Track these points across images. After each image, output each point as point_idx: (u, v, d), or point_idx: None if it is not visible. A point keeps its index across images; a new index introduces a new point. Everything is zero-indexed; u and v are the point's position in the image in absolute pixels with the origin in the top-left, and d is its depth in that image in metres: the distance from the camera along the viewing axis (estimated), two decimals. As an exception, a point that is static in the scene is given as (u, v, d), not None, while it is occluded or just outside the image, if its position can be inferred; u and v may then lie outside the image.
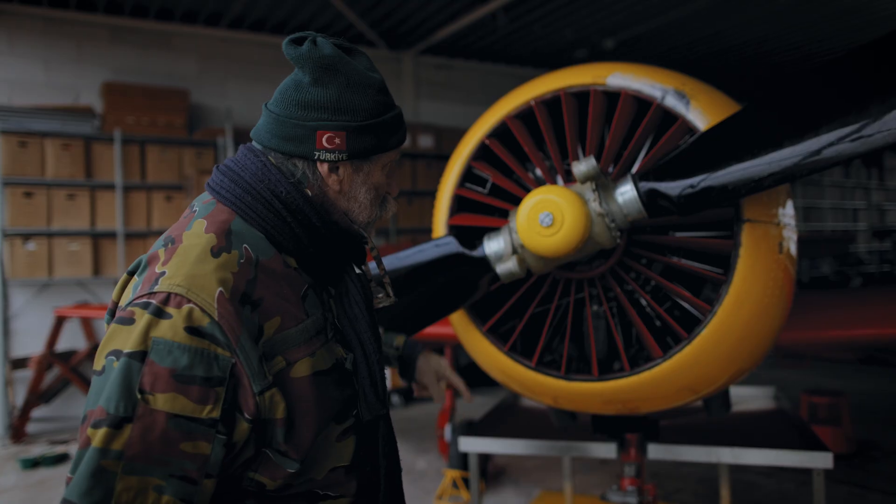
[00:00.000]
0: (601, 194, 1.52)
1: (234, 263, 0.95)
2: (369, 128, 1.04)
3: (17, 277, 5.68)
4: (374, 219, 1.13)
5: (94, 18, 6.35)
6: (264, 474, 0.97)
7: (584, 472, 4.37)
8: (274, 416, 0.94)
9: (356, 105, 1.04)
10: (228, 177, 1.05)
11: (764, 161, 1.41)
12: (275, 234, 1.02)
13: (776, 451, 2.04)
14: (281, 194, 1.02)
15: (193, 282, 0.91)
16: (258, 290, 0.95)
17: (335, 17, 6.84)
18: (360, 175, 1.08)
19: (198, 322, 0.88)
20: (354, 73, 1.04)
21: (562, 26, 7.30)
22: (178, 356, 0.87)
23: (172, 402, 0.86)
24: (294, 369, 0.96)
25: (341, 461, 1.03)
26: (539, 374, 1.75)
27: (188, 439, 0.87)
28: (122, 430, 0.84)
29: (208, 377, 0.88)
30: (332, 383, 1.01)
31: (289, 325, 0.97)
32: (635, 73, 1.75)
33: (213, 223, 0.99)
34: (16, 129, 5.65)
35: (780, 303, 1.65)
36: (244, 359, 0.90)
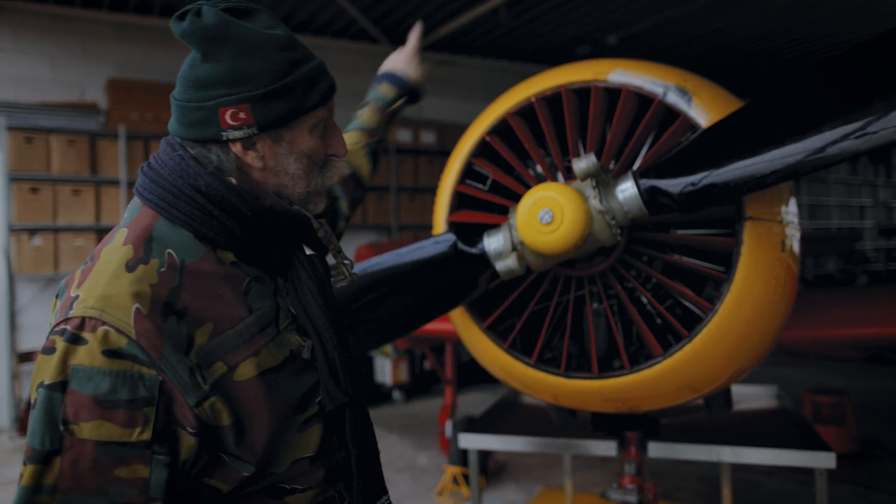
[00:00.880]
0: (601, 191, 1.51)
1: (152, 274, 0.89)
2: (276, 92, 0.94)
3: (23, 272, 5.72)
4: (316, 188, 1.04)
5: (98, 15, 6.36)
6: (219, 479, 0.93)
7: (585, 470, 4.37)
8: (220, 424, 0.90)
9: (254, 71, 0.93)
10: (149, 177, 0.98)
11: (766, 158, 1.40)
12: (203, 230, 0.95)
13: (778, 451, 2.04)
14: (202, 187, 0.95)
15: (107, 302, 0.86)
16: (183, 297, 0.90)
17: (337, 13, 6.83)
18: (282, 146, 0.98)
19: (115, 344, 0.84)
20: (247, 36, 0.94)
21: (564, 23, 7.28)
22: (99, 382, 0.83)
23: (98, 429, 0.82)
24: (237, 372, 0.91)
25: (306, 451, 0.99)
26: (539, 371, 1.75)
27: (122, 464, 0.83)
28: (51, 465, 0.82)
29: (133, 399, 0.84)
30: (286, 378, 0.97)
31: (224, 328, 0.92)
32: (637, 69, 1.74)
33: (134, 231, 0.94)
34: (22, 125, 5.68)
35: (783, 301, 1.64)
36: (171, 374, 0.86)
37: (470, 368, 6.88)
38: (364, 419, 1.08)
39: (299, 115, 0.97)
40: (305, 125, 0.99)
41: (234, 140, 0.96)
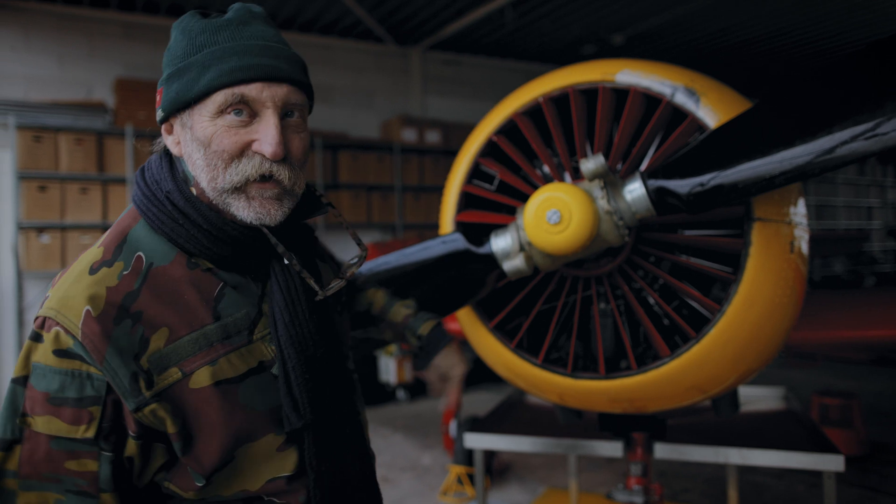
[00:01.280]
0: (609, 192, 1.50)
1: (112, 277, 0.90)
2: (178, 72, 0.92)
3: (31, 269, 5.74)
4: (226, 185, 0.92)
5: (106, 15, 6.39)
6: (176, 484, 0.94)
7: (590, 470, 4.36)
8: (165, 430, 0.90)
9: (169, 56, 0.95)
10: (137, 178, 1.01)
11: (775, 159, 1.39)
12: (174, 237, 0.94)
13: (786, 453, 2.03)
14: (166, 192, 0.95)
15: (63, 303, 0.88)
16: (141, 301, 0.90)
17: (343, 13, 6.84)
18: (187, 131, 0.94)
19: (64, 344, 0.87)
20: (183, 26, 0.96)
21: (569, 21, 7.27)
22: (51, 380, 0.87)
23: (48, 424, 0.87)
24: (192, 380, 0.90)
25: (282, 471, 0.96)
26: (545, 371, 1.74)
27: (72, 458, 0.87)
28: (12, 452, 0.88)
29: (80, 398, 0.87)
30: (248, 390, 0.93)
31: (180, 334, 0.90)
32: (645, 69, 1.73)
33: (112, 232, 0.97)
34: (31, 123, 5.71)
35: (791, 302, 1.64)
36: (111, 377, 0.87)
37: (473, 368, 6.88)
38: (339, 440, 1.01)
39: (190, 99, 0.91)
40: (206, 111, 0.91)
41: (160, 124, 0.99)
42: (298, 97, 0.95)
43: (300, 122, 0.97)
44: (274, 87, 0.92)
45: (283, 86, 0.93)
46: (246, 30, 0.94)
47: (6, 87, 5.99)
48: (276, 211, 0.95)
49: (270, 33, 0.96)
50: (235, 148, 0.92)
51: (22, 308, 5.85)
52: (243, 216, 0.94)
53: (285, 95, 0.93)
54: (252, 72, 0.90)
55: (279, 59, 0.93)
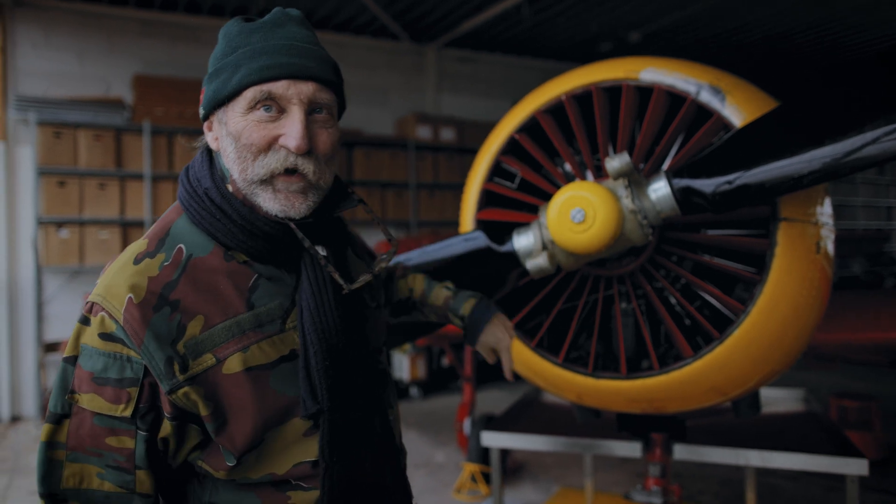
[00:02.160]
0: (634, 191, 1.49)
1: (154, 268, 0.97)
2: (216, 72, 0.99)
3: (50, 264, 5.81)
4: (254, 177, 0.97)
5: (125, 12, 6.44)
6: (208, 462, 0.99)
7: (604, 470, 4.34)
8: (198, 413, 0.95)
9: (212, 57, 1.02)
10: (181, 177, 1.06)
11: (804, 159, 1.37)
12: (213, 231, 1.00)
13: (807, 456, 2.00)
14: (206, 189, 1.01)
15: (108, 290, 0.95)
16: (179, 290, 0.95)
17: (359, 10, 6.84)
18: (223, 127, 1.00)
19: (108, 328, 0.94)
20: (226, 30, 1.02)
21: (587, 19, 7.22)
22: (96, 360, 0.94)
23: (92, 401, 0.94)
24: (226, 366, 0.95)
25: (308, 456, 1.00)
26: (566, 370, 1.74)
27: (112, 434, 0.94)
28: (61, 426, 0.95)
29: (120, 379, 0.93)
30: (281, 375, 0.98)
31: (215, 322, 0.96)
32: (669, 67, 1.72)
33: (157, 226, 1.03)
34: (51, 119, 5.77)
35: (816, 304, 1.62)
36: (148, 360, 0.93)
37: (488, 366, 6.88)
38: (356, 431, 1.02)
39: (225, 96, 0.97)
40: (239, 106, 0.97)
41: (202, 121, 1.05)
42: (325, 95, 0.99)
43: (328, 119, 1.01)
44: (300, 85, 0.96)
45: (309, 83, 0.97)
46: (279, 31, 0.99)
47: (28, 83, 6.06)
48: (300, 204, 0.99)
49: (303, 34, 1.01)
50: (263, 142, 0.96)
51: (41, 301, 5.91)
52: (269, 208, 0.98)
53: (311, 93, 0.97)
54: (279, 70, 0.95)
55: (307, 58, 0.98)
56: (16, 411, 5.93)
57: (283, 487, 1.00)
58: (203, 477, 1.02)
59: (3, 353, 5.88)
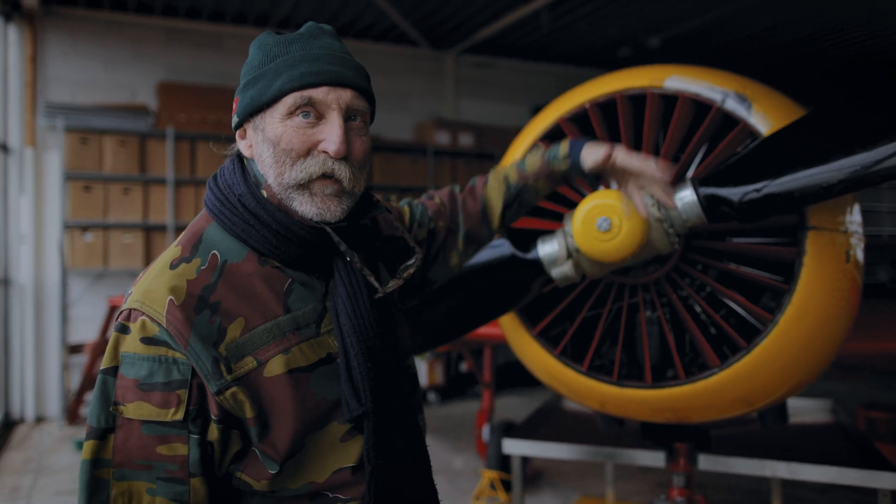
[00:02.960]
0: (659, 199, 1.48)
1: (191, 271, 0.96)
2: (253, 80, 1.00)
3: (75, 267, 5.91)
4: (291, 181, 0.98)
5: (150, 21, 6.55)
6: (248, 473, 0.97)
7: (624, 479, 4.30)
8: (244, 415, 0.94)
9: (246, 66, 1.03)
10: (210, 185, 1.06)
11: (833, 167, 1.36)
12: (245, 238, 1.00)
13: (837, 469, 1.97)
14: (238, 196, 1.01)
15: (147, 296, 0.94)
16: (218, 293, 0.95)
17: (379, 17, 6.89)
18: (259, 133, 1.01)
19: (150, 332, 0.92)
20: (260, 41, 1.04)
21: (606, 24, 7.19)
22: (139, 366, 0.91)
23: (139, 409, 0.91)
24: (267, 368, 0.95)
25: (347, 462, 0.99)
26: (589, 378, 1.73)
27: (163, 442, 0.91)
28: (106, 441, 0.91)
29: (168, 382, 0.91)
30: (320, 379, 0.98)
31: (255, 324, 0.95)
32: (694, 75, 1.71)
33: (188, 233, 1.03)
34: (78, 126, 5.89)
35: (845, 314, 1.59)
36: (196, 361, 0.91)
37: (507, 372, 6.86)
38: (397, 432, 1.02)
39: (264, 102, 0.98)
40: (277, 112, 0.98)
41: (235, 129, 1.05)
42: (361, 103, 1.02)
43: (362, 126, 1.03)
44: (339, 91, 0.98)
45: (348, 91, 0.99)
46: (315, 42, 1.01)
47: (56, 90, 6.18)
48: (335, 208, 1.00)
49: (338, 46, 1.03)
50: (303, 147, 0.98)
51: (66, 303, 6.01)
52: (304, 211, 0.99)
53: (349, 100, 0.99)
54: (319, 76, 0.97)
55: (345, 66, 1.00)
56: (40, 412, 6.03)
57: (322, 501, 0.99)
58: (242, 494, 1.00)
59: (29, 355, 5.99)
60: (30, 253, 6.00)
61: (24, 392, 5.99)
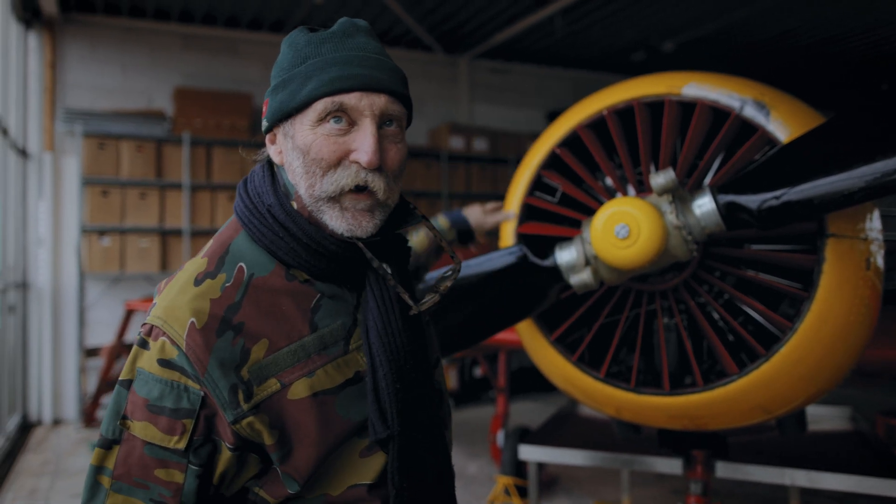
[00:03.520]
0: (678, 206, 1.49)
1: (216, 289, 0.93)
2: (283, 83, 0.95)
3: (92, 271, 5.97)
4: (322, 194, 0.93)
5: (167, 27, 6.62)
6: (267, 491, 0.95)
7: (639, 486, 4.28)
8: (262, 442, 0.91)
9: (277, 68, 0.98)
10: (239, 191, 1.02)
11: (854, 175, 1.35)
12: (274, 249, 0.96)
13: (858, 477, 1.95)
14: (268, 206, 0.96)
15: (170, 313, 0.91)
16: (242, 313, 0.91)
17: (393, 22, 6.92)
18: (289, 140, 0.96)
19: (168, 354, 0.90)
20: (291, 40, 0.98)
21: (621, 28, 7.18)
22: (152, 387, 0.90)
23: (145, 429, 0.89)
24: (291, 391, 0.91)
25: (364, 478, 0.96)
26: (607, 385, 1.73)
27: (162, 466, 0.89)
28: (111, 451, 0.91)
29: (176, 409, 0.89)
30: (346, 399, 0.94)
31: (280, 345, 0.91)
32: (712, 82, 1.71)
33: (215, 243, 0.99)
34: (96, 131, 5.96)
35: (865, 322, 1.59)
36: (212, 389, 0.88)
37: (521, 377, 6.85)
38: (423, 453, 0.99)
39: (293, 108, 0.93)
40: (307, 118, 0.93)
41: (265, 133, 1.01)
42: (396, 108, 0.96)
43: (398, 132, 0.97)
44: (372, 97, 0.92)
45: (382, 95, 0.93)
46: (349, 41, 0.95)
47: (74, 96, 6.26)
48: (367, 223, 0.95)
49: (373, 45, 0.97)
50: (334, 157, 0.92)
51: (83, 307, 6.08)
52: (335, 226, 0.94)
53: (383, 105, 0.93)
54: (351, 81, 0.91)
55: (379, 69, 0.94)
56: (57, 415, 6.08)
57: None
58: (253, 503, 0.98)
59: (47, 358, 6.05)
60: (48, 257, 6.07)
61: (42, 395, 6.05)
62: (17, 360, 5.80)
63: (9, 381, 5.53)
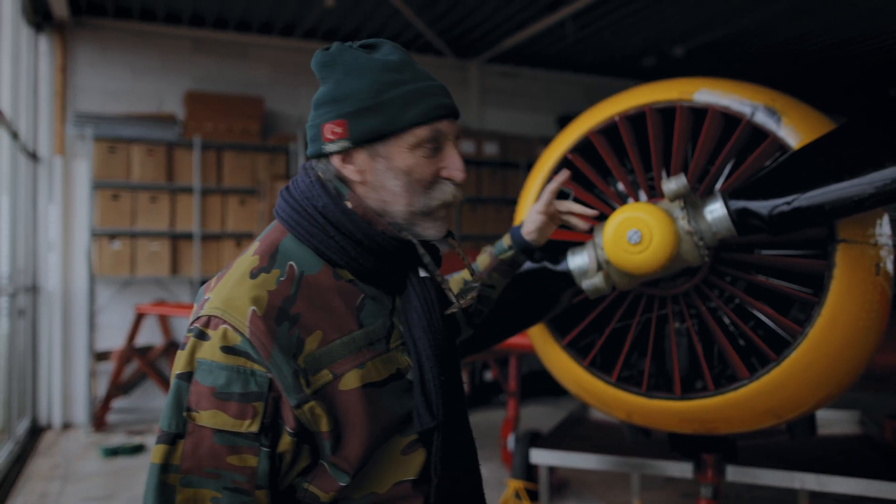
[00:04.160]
0: (690, 212, 1.50)
1: (271, 282, 0.97)
2: (370, 109, 1.01)
3: (102, 274, 6.01)
4: (424, 209, 1.05)
5: (178, 31, 6.66)
6: (317, 485, 0.98)
7: (649, 490, 4.28)
8: (319, 429, 0.95)
9: (353, 90, 1.02)
10: (283, 197, 1.07)
11: (864, 181, 1.36)
12: (322, 248, 1.02)
13: (867, 481, 1.96)
14: (320, 208, 1.02)
15: (229, 304, 0.94)
16: (297, 305, 0.96)
17: (404, 27, 6.96)
18: (379, 161, 1.03)
19: (231, 341, 0.92)
20: (353, 61, 1.03)
21: (632, 33, 7.19)
22: (217, 375, 0.92)
23: (214, 418, 0.91)
24: (342, 382, 0.96)
25: (407, 475, 1.01)
26: (618, 390, 1.74)
27: (234, 452, 0.91)
28: (176, 447, 0.91)
29: (245, 393, 0.91)
30: (388, 395, 0.99)
31: (332, 338, 0.97)
32: (723, 88, 1.73)
33: (264, 244, 1.04)
34: (107, 135, 6.00)
35: (875, 326, 1.60)
36: (277, 373, 0.92)
37: (532, 381, 6.85)
38: (458, 447, 1.05)
39: (391, 132, 1.01)
40: (404, 143, 1.02)
41: (332, 153, 1.04)
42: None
43: None
44: (453, 123, 1.07)
45: (455, 121, 1.08)
46: (417, 68, 1.06)
47: (85, 100, 6.31)
48: (445, 227, 1.09)
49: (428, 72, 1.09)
50: (430, 177, 1.05)
51: (93, 311, 6.11)
52: (427, 234, 1.07)
53: (456, 128, 1.08)
54: (444, 111, 1.04)
55: (451, 97, 1.08)
56: (67, 418, 6.10)
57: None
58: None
59: (56, 361, 6.09)
60: (58, 260, 6.11)
61: (52, 399, 6.08)
62: (26, 363, 5.84)
63: (19, 384, 5.57)
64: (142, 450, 5.33)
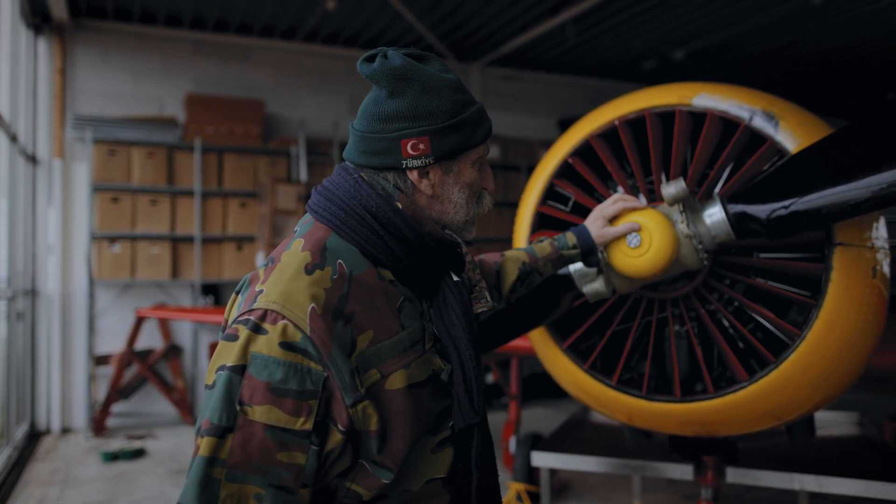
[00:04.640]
0: (689, 216, 1.52)
1: (326, 280, 0.98)
2: (451, 127, 1.06)
3: (102, 278, 6.00)
4: (473, 217, 1.16)
5: (179, 34, 6.67)
6: (360, 484, 0.99)
7: (650, 492, 4.29)
8: (368, 428, 0.96)
9: (434, 108, 1.05)
10: (325, 196, 1.08)
11: (861, 185, 1.38)
12: (369, 248, 1.04)
13: (866, 482, 1.98)
14: (372, 208, 1.04)
15: (288, 298, 0.94)
16: (351, 304, 0.97)
17: (406, 30, 6.97)
18: (450, 176, 1.10)
19: (291, 338, 0.92)
20: (428, 78, 1.06)
21: (631, 37, 7.21)
22: (274, 370, 0.91)
23: (268, 413, 0.90)
24: (389, 381, 0.98)
25: (438, 473, 1.03)
26: (619, 392, 1.76)
27: (284, 449, 0.90)
28: (224, 440, 0.89)
29: (301, 390, 0.91)
30: (427, 395, 1.02)
31: (382, 338, 0.99)
32: (722, 93, 1.74)
33: (310, 241, 1.04)
34: (107, 137, 6.00)
35: (872, 329, 1.61)
36: (335, 372, 0.93)
37: (533, 383, 6.86)
38: (489, 444, 1.10)
39: (468, 149, 1.10)
40: (469, 159, 1.11)
41: (412, 168, 1.07)
42: None
43: None
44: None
45: None
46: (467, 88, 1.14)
47: (85, 103, 6.31)
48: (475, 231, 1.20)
49: None
50: (478, 189, 1.16)
51: (92, 315, 6.11)
52: (467, 237, 1.18)
53: None
54: (491, 131, 1.15)
55: None
56: (66, 423, 6.06)
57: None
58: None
59: (56, 365, 6.05)
60: (57, 264, 6.09)
61: (51, 403, 6.05)
62: (25, 367, 5.82)
63: (17, 388, 5.55)
64: (142, 454, 5.31)
